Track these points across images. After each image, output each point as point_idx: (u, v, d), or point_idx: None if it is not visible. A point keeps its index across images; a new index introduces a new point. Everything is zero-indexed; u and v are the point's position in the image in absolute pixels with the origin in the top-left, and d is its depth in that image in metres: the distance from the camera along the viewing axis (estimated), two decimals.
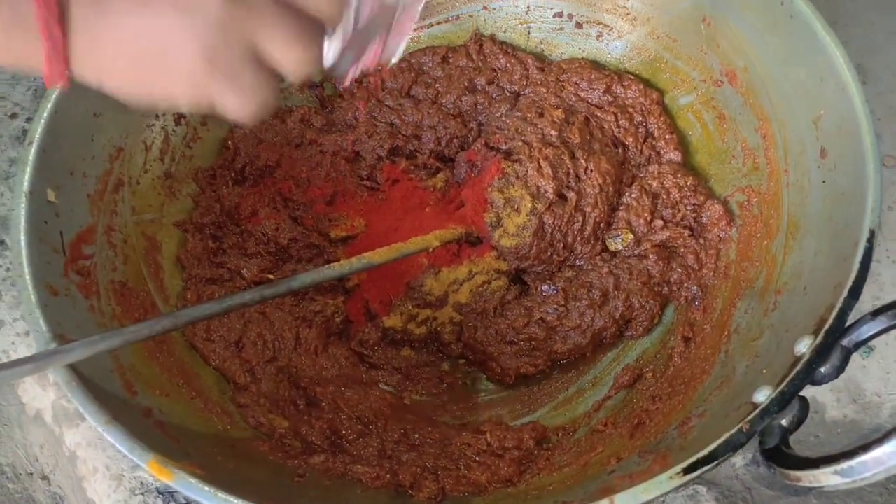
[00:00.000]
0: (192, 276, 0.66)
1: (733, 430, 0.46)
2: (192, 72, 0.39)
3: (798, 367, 0.47)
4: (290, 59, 0.40)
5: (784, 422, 0.47)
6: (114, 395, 0.53)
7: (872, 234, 0.50)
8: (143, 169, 0.66)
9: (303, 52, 0.40)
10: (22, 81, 0.83)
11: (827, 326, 0.48)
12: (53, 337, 0.52)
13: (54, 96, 0.59)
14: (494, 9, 0.78)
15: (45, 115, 0.59)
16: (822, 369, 0.48)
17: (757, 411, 0.46)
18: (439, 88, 0.77)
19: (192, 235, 0.68)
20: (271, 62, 0.40)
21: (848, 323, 0.48)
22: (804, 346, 0.48)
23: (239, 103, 0.41)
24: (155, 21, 0.38)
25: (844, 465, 0.42)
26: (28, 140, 0.58)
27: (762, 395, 0.48)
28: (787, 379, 0.47)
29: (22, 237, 0.54)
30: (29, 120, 0.81)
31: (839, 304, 0.49)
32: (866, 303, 0.70)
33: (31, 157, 0.57)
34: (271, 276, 0.68)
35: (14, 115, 0.81)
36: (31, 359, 0.48)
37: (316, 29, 0.41)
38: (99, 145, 0.63)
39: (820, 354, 0.47)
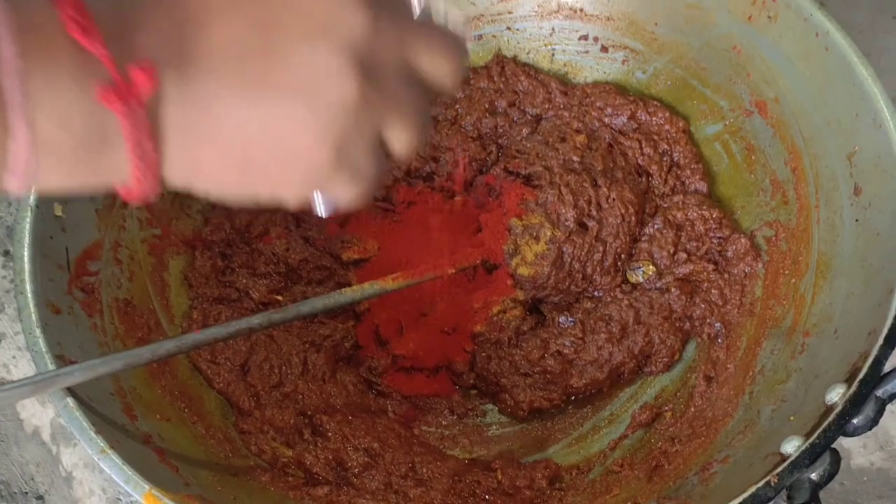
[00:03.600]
0: (199, 294, 0.65)
1: (760, 483, 0.43)
2: (313, 168, 0.34)
3: (830, 418, 0.45)
4: (407, 142, 0.36)
5: (814, 476, 0.44)
6: (113, 420, 0.51)
7: None
8: None
9: (419, 135, 0.37)
10: None
11: (861, 376, 0.46)
12: (53, 357, 0.50)
13: None
14: (518, 30, 0.77)
15: None
16: (855, 420, 0.45)
17: (786, 464, 0.44)
18: (459, 110, 0.75)
19: (201, 253, 0.66)
20: (389, 145, 0.36)
21: (883, 372, 0.46)
22: (836, 396, 0.46)
23: (352, 193, 0.36)
24: (271, 112, 0.32)
25: None
26: None
27: (791, 446, 0.45)
28: (819, 430, 0.44)
29: (25, 253, 0.52)
30: None
31: (874, 353, 0.46)
32: None
33: None
34: (280, 298, 0.66)
35: None
36: (28, 381, 0.47)
37: (430, 103, 0.38)
38: None
39: (853, 405, 0.45)
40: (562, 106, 0.74)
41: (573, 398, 0.64)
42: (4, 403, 0.54)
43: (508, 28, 0.77)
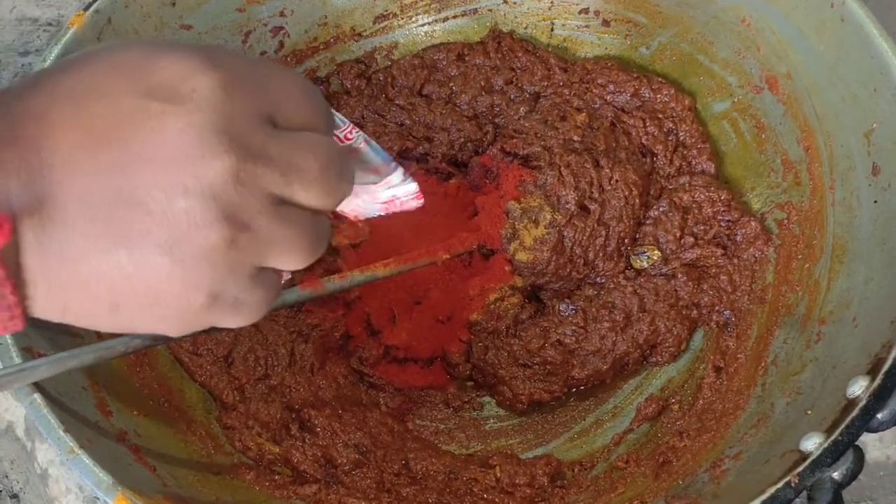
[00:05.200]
0: None
1: (779, 485, 0.40)
2: (187, 312, 0.33)
3: (853, 413, 0.42)
4: (294, 263, 0.35)
5: (836, 475, 0.41)
6: (84, 416, 0.48)
7: None
8: None
9: (309, 253, 0.35)
10: (9, 67, 0.78)
11: (886, 367, 0.43)
12: (20, 350, 0.46)
13: None
14: (515, 3, 0.73)
15: None
16: (880, 415, 0.42)
17: (807, 463, 0.41)
18: (454, 88, 0.72)
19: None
20: (276, 269, 0.35)
21: None
22: (859, 389, 0.43)
23: (241, 321, 0.35)
24: (133, 262, 0.30)
25: None
26: None
27: (811, 444, 0.42)
28: (842, 426, 0.41)
29: None
30: None
31: None
32: None
33: None
34: None
35: None
36: None
37: (315, 218, 0.36)
38: None
39: (878, 399, 0.42)
40: (561, 83, 0.71)
41: (575, 390, 0.61)
42: None
43: (505, 1, 0.73)
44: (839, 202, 0.56)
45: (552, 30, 0.73)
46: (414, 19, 0.74)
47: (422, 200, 0.46)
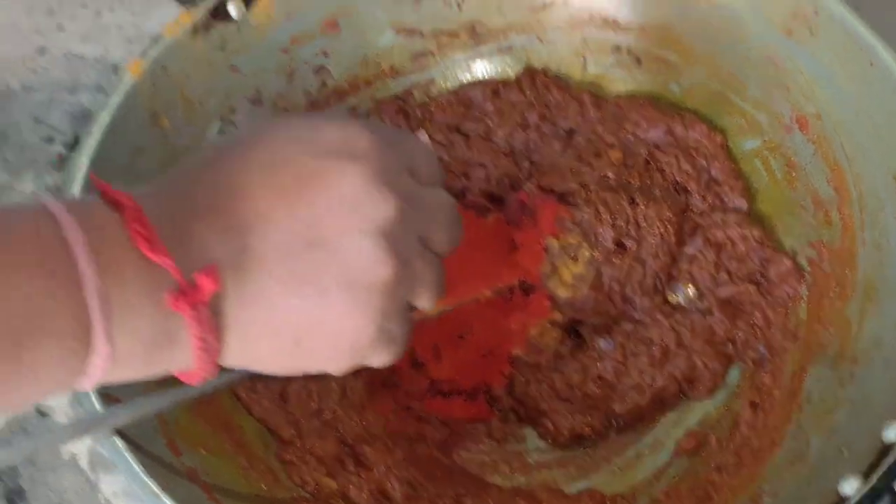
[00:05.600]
0: None
1: None
2: (358, 345, 0.38)
3: (890, 460, 0.44)
4: (430, 300, 0.43)
5: None
6: (159, 457, 0.51)
7: None
8: None
9: (441, 291, 0.44)
10: (58, 104, 0.81)
11: None
12: (99, 396, 0.49)
13: (96, 135, 0.58)
14: (549, 41, 0.75)
15: (89, 154, 0.57)
16: None
17: None
18: (490, 124, 0.74)
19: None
20: (415, 305, 0.42)
21: None
22: (894, 434, 0.45)
23: (389, 358, 0.41)
24: (319, 303, 0.36)
25: None
26: (70, 178, 0.56)
27: (849, 488, 0.45)
28: (879, 471, 0.44)
29: None
30: (65, 145, 0.79)
31: None
32: None
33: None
34: None
35: (50, 140, 0.79)
36: (78, 423, 0.47)
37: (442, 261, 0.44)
38: (142, 182, 0.61)
39: None
40: (595, 119, 0.73)
41: (615, 424, 0.63)
42: (53, 445, 0.54)
43: (539, 39, 0.75)
44: (869, 242, 0.58)
45: (585, 67, 0.75)
46: (450, 56, 0.76)
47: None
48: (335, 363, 0.39)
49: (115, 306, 0.31)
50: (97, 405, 0.49)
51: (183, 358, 0.35)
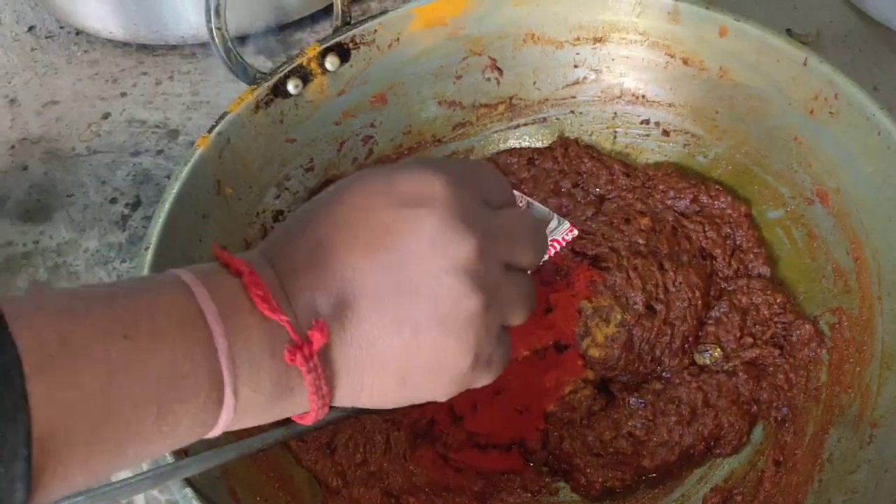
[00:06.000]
0: None
1: None
2: (459, 374, 0.41)
3: None
4: (523, 316, 0.45)
5: None
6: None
7: None
8: None
9: (532, 306, 0.46)
10: (122, 166, 0.87)
11: None
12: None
13: (168, 203, 0.62)
14: (581, 113, 0.80)
15: (161, 220, 0.62)
16: None
17: None
18: (525, 190, 0.79)
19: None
20: (509, 325, 0.44)
21: None
22: None
23: (491, 377, 0.44)
24: (418, 341, 0.39)
25: None
26: (144, 245, 0.61)
27: None
28: None
29: None
30: (128, 205, 0.84)
31: None
32: None
33: (147, 261, 0.59)
34: None
35: (114, 200, 0.85)
36: (150, 473, 0.50)
37: (529, 277, 0.46)
38: (206, 244, 0.66)
39: None
40: (625, 187, 0.77)
41: (644, 478, 0.66)
42: (128, 496, 0.57)
43: (572, 111, 0.81)
44: (887, 312, 0.62)
45: (615, 137, 0.80)
46: (489, 126, 0.81)
47: (575, 231, 0.58)
48: (441, 392, 0.42)
49: (242, 365, 0.35)
50: (169, 458, 0.53)
51: (299, 403, 0.39)
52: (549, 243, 0.55)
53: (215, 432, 0.37)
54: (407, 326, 0.38)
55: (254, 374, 0.36)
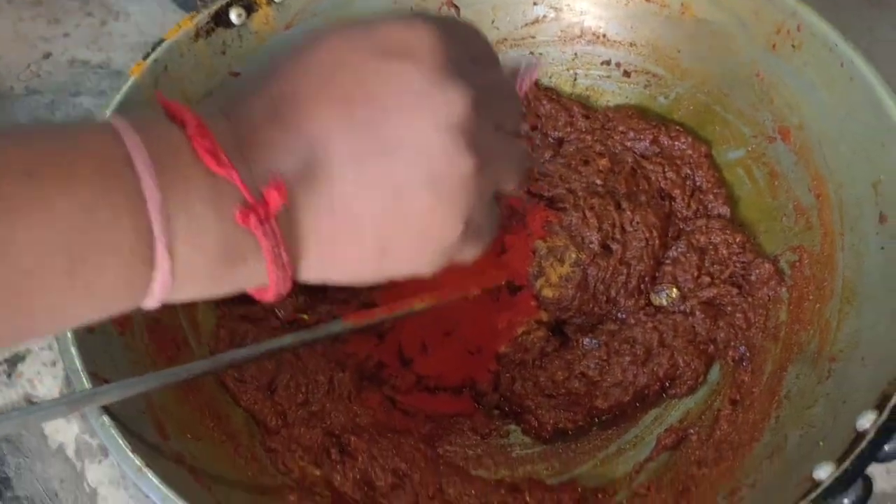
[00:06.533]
0: (226, 313, 0.65)
1: None
2: (446, 243, 0.36)
3: (862, 445, 0.45)
4: (514, 180, 0.39)
5: (846, 502, 0.45)
6: (146, 438, 0.51)
7: None
8: None
9: (523, 170, 0.40)
10: (61, 107, 0.83)
11: (893, 402, 0.46)
12: (88, 375, 0.50)
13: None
14: (541, 54, 0.77)
15: None
16: (887, 447, 0.46)
17: (819, 490, 0.44)
18: None
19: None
20: (500, 192, 0.39)
21: None
22: (867, 422, 0.46)
23: (478, 251, 0.39)
24: (399, 205, 0.34)
25: None
26: None
27: (823, 472, 0.46)
28: (852, 457, 0.45)
29: None
30: None
31: None
32: None
33: None
34: (306, 317, 0.66)
35: None
36: (66, 399, 0.47)
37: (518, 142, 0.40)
38: None
39: (885, 431, 0.45)
40: (584, 129, 0.75)
41: (597, 420, 0.64)
42: (41, 422, 0.54)
43: (531, 53, 0.78)
44: (848, 247, 0.60)
45: (575, 80, 0.77)
46: None
47: (537, 66, 0.49)
48: (425, 264, 0.37)
49: (179, 223, 0.30)
50: (86, 384, 0.50)
51: (255, 274, 0.34)
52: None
53: (152, 300, 0.32)
54: (389, 189, 0.34)
55: (195, 233, 0.31)
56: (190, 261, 0.31)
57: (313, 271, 0.36)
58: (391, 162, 0.34)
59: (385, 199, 0.34)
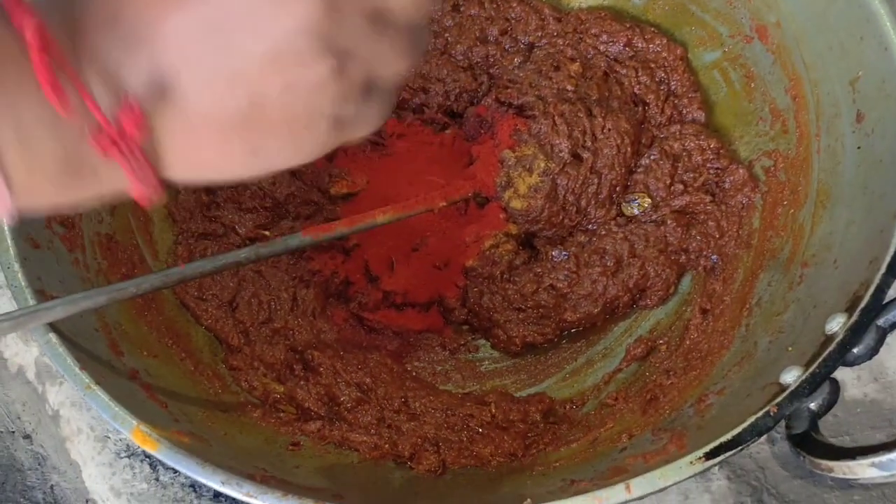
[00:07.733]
0: (184, 230, 0.63)
1: (759, 414, 0.43)
2: (319, 136, 0.34)
3: (830, 348, 0.44)
4: (400, 68, 0.36)
5: (813, 405, 0.44)
6: (98, 356, 0.50)
7: None
8: None
9: (409, 56, 0.35)
10: None
11: (862, 305, 0.45)
12: (34, 293, 0.48)
13: None
14: None
15: None
16: (856, 350, 0.44)
17: (786, 393, 0.43)
18: (449, 39, 0.73)
19: (184, 187, 0.64)
20: (383, 83, 0.36)
21: (885, 301, 0.45)
22: (836, 325, 0.45)
23: (366, 130, 0.37)
24: (258, 110, 0.32)
25: (884, 457, 0.39)
26: None
27: (790, 376, 0.45)
28: (819, 360, 0.44)
29: None
30: None
31: (876, 281, 0.45)
32: None
33: None
34: (267, 233, 0.64)
35: None
36: (8, 315, 0.45)
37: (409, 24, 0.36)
38: None
39: (854, 334, 0.44)
40: (555, 33, 0.71)
41: (567, 333, 0.63)
42: None
43: None
44: (824, 149, 0.58)
45: None
46: None
47: None
48: (301, 158, 0.35)
49: (7, 143, 0.29)
50: (30, 301, 0.48)
51: (115, 180, 0.32)
52: None
53: (2, 207, 0.31)
54: (245, 98, 0.31)
55: (26, 147, 0.30)
56: (27, 179, 0.30)
57: (186, 173, 0.34)
58: (241, 68, 0.31)
59: (242, 108, 0.32)
